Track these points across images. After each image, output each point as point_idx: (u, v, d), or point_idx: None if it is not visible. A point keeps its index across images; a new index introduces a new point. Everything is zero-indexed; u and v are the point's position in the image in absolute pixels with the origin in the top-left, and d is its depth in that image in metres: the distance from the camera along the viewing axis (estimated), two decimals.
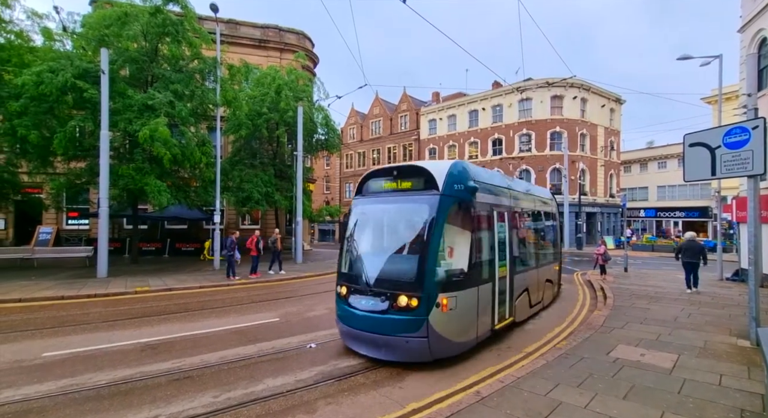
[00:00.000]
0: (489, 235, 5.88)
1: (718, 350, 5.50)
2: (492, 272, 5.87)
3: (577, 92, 30.98)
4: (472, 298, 5.31)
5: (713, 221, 30.17)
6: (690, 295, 9.91)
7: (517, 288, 6.74)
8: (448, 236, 5.10)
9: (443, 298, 4.82)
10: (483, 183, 5.86)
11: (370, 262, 5.44)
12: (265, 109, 17.77)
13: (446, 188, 5.12)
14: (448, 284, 4.93)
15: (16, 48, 12.78)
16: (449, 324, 4.97)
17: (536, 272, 8.06)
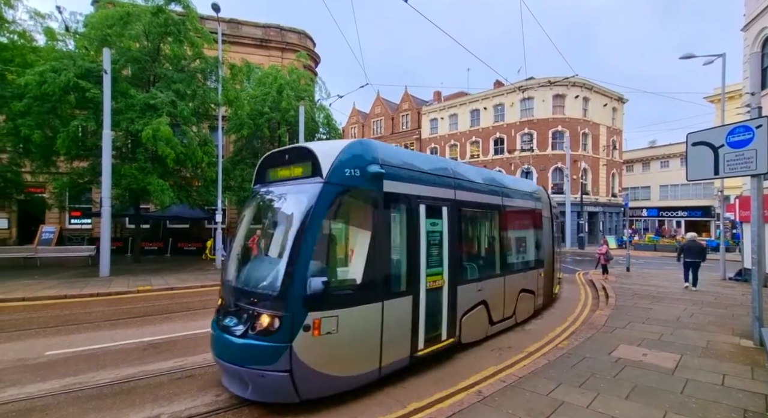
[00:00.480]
0: (409, 235, 4.65)
1: (721, 350, 5.48)
2: (413, 282, 4.64)
3: (579, 91, 30.88)
4: (370, 317, 4.08)
5: (716, 221, 30.04)
6: (691, 293, 9.87)
7: (464, 302, 5.53)
8: (335, 237, 4.18)
9: (316, 318, 3.62)
10: (400, 168, 4.64)
11: (239, 268, 4.50)
12: (266, 109, 17.79)
13: (333, 175, 3.98)
14: (327, 299, 3.74)
15: (19, 48, 12.84)
16: (327, 353, 3.76)
17: (502, 281, 6.64)
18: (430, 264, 4.90)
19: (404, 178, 4.69)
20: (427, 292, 4.85)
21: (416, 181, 4.89)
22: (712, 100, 26.62)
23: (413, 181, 4.84)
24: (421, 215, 4.83)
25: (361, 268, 4.05)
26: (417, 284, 4.70)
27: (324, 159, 4.07)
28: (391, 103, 44.46)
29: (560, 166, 30.27)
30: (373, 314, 4.13)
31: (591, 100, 31.92)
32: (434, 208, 5.11)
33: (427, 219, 4.90)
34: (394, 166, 4.56)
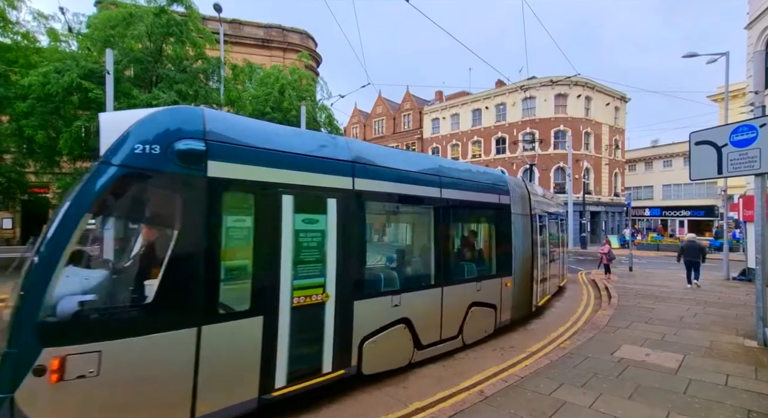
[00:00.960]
0: (258, 235, 3.49)
1: (725, 350, 5.46)
2: (265, 297, 3.46)
3: (581, 91, 30.78)
4: (171, 349, 2.92)
5: (719, 220, 29.88)
6: (695, 293, 9.82)
7: (367, 321, 4.30)
8: (115, 237, 3.36)
9: (57, 356, 2.48)
10: (244, 147, 3.44)
11: None
12: (268, 109, 17.84)
13: (114, 153, 2.89)
14: (84, 326, 2.66)
15: (22, 49, 12.91)
16: (80, 408, 2.60)
17: (437, 293, 5.25)
18: (300, 274, 3.68)
19: (252, 159, 3.46)
20: (294, 310, 3.61)
21: (276, 163, 3.62)
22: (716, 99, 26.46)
23: (271, 164, 3.58)
24: (284, 208, 3.60)
25: (155, 280, 2.96)
26: (273, 300, 3.50)
27: (107, 131, 3.01)
28: (392, 102, 44.45)
29: (562, 166, 30.19)
30: (177, 345, 2.93)
31: (593, 99, 31.82)
32: (311, 200, 3.89)
33: (296, 214, 3.68)
34: (233, 143, 3.37)
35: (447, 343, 5.52)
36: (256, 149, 3.54)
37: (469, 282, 5.97)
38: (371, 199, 4.59)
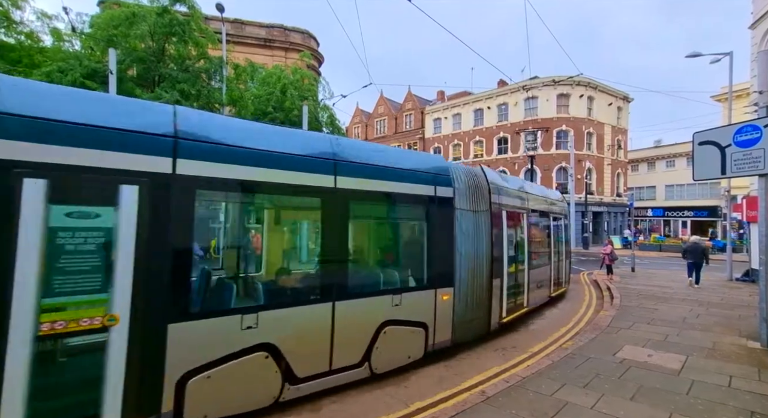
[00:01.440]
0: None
1: (728, 351, 5.43)
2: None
3: (583, 91, 30.69)
4: None
5: (722, 221, 29.73)
6: (697, 294, 9.78)
7: (198, 350, 3.24)
8: None
9: None
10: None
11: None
12: (270, 109, 17.87)
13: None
14: None
15: (26, 49, 12.97)
16: None
17: (326, 309, 4.07)
18: (55, 290, 2.68)
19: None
20: (41, 341, 2.58)
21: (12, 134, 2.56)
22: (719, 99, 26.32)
23: None
24: (27, 198, 2.56)
25: None
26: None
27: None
28: (394, 102, 44.45)
29: (564, 166, 30.11)
30: None
31: (596, 99, 31.72)
32: (85, 187, 2.85)
33: (52, 205, 2.65)
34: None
35: (344, 374, 4.24)
36: None
37: (381, 295, 4.63)
38: (210, 188, 3.52)
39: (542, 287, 8.64)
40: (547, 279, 8.99)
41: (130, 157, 2.98)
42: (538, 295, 8.31)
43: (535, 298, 8.13)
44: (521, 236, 7.57)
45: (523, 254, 7.53)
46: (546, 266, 9.00)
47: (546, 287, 8.94)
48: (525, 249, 7.60)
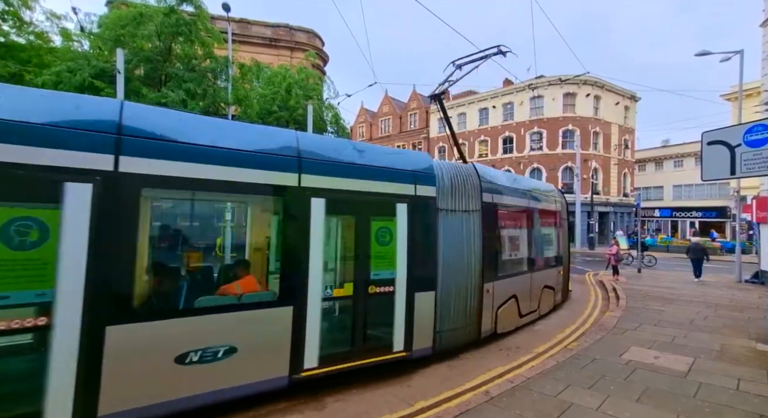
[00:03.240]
0: None
1: (736, 353, 5.36)
2: None
3: (590, 90, 30.41)
4: None
5: (731, 222, 29.32)
6: (705, 296, 9.66)
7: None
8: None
9: None
10: None
11: None
12: (275, 108, 17.96)
13: None
14: None
15: (36, 49, 13.14)
16: None
17: None
18: None
19: None
20: None
21: None
22: (729, 98, 25.93)
23: None
24: None
25: None
26: None
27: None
28: (399, 101, 44.39)
29: (570, 166, 29.88)
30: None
31: (602, 98, 31.41)
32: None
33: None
34: None
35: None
36: None
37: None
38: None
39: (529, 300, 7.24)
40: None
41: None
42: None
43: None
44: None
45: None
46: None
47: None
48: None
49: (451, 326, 5.36)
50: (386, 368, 4.61)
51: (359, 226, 4.57)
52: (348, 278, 4.54)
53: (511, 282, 6.59)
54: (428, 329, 5.00)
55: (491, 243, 6.03)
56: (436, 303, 5.07)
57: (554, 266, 8.52)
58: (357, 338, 4.41)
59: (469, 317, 5.63)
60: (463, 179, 5.75)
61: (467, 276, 5.58)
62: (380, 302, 4.57)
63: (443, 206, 5.33)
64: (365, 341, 4.46)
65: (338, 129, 21.33)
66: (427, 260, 5.03)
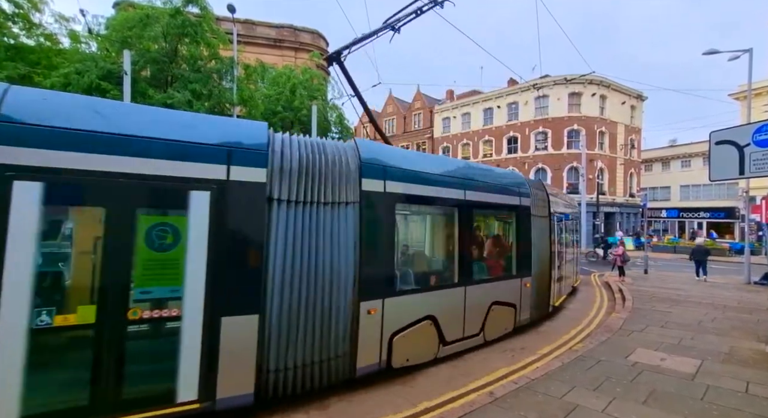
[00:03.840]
0: None
1: (745, 356, 5.29)
2: None
3: (596, 89, 30.18)
4: None
5: (740, 223, 28.94)
6: (713, 297, 9.53)
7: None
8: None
9: None
10: None
11: None
12: (279, 108, 18.04)
13: None
14: None
15: (45, 50, 13.34)
16: None
17: None
18: None
19: None
20: None
21: None
22: (738, 97, 25.61)
23: None
24: None
25: None
26: None
27: None
28: (403, 102, 44.38)
29: (576, 166, 29.67)
30: None
31: (608, 98, 31.17)
32: None
33: None
34: None
35: None
36: None
37: None
38: None
39: None
40: None
41: None
42: None
43: None
44: None
45: None
46: None
47: None
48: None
49: (297, 362, 3.86)
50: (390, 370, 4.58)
51: (114, 223, 3.17)
52: (88, 299, 3.08)
53: (424, 298, 5.07)
54: (246, 368, 3.56)
55: (381, 247, 4.54)
56: (263, 330, 3.64)
57: (514, 277, 6.71)
58: (101, 386, 2.99)
59: (334, 348, 4.12)
60: (325, 159, 4.21)
61: (330, 291, 4.09)
62: (152, 331, 3.27)
63: (281, 196, 3.86)
64: (121, 387, 3.06)
65: (342, 129, 21.38)
66: (245, 272, 3.61)
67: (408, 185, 4.91)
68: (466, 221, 5.77)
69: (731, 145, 6.02)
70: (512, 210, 6.84)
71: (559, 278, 8.56)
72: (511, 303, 6.57)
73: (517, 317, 6.71)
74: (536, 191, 7.54)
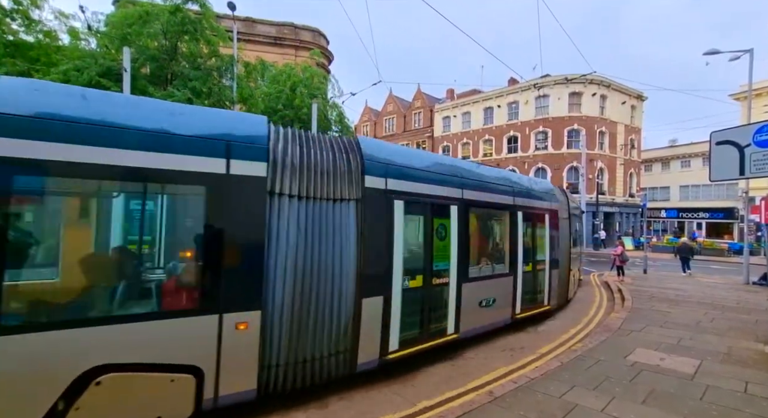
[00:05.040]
0: None
1: (744, 356, 5.29)
2: None
3: (596, 89, 30.17)
4: None
5: (739, 223, 28.99)
6: (712, 297, 9.55)
7: None
8: None
9: None
10: None
11: None
12: (280, 107, 18.00)
13: None
14: None
15: (44, 47, 13.28)
16: None
17: None
18: None
19: None
20: None
21: None
22: (738, 97, 25.63)
23: None
24: None
25: None
26: None
27: None
28: (403, 100, 44.33)
29: (575, 166, 29.67)
30: None
31: (609, 97, 31.16)
32: None
33: None
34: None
35: None
36: None
37: None
38: None
39: None
40: None
41: None
42: None
43: None
44: None
45: None
46: None
47: None
48: None
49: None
50: (389, 367, 4.56)
51: None
52: None
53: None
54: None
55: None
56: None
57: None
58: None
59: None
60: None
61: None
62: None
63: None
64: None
65: (342, 128, 21.34)
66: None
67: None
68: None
69: (732, 145, 6.03)
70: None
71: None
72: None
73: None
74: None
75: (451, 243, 5.40)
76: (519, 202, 7.05)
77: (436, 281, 5.20)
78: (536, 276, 7.65)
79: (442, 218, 5.32)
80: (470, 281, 5.67)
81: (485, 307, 6.02)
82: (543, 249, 7.91)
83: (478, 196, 5.97)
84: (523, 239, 7.15)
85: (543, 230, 8.02)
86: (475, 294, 5.80)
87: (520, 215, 7.00)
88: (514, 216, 6.92)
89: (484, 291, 6.04)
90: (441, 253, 5.28)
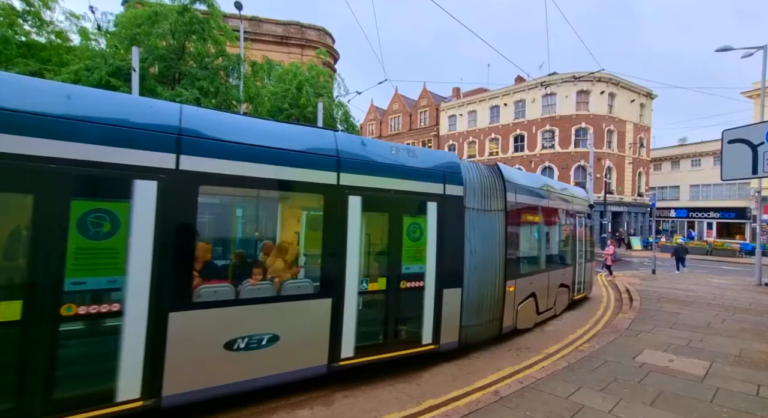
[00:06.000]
0: None
1: (756, 358, 5.20)
2: None
3: (604, 87, 29.78)
4: None
5: (751, 223, 28.45)
6: (723, 298, 9.40)
7: None
8: None
9: None
10: None
11: None
12: (286, 105, 18.09)
13: None
14: None
15: (55, 48, 13.49)
16: None
17: None
18: None
19: None
20: None
21: None
22: (750, 95, 25.11)
23: None
24: None
25: None
26: None
27: None
28: (409, 99, 44.21)
29: (583, 165, 29.35)
30: None
31: (617, 95, 30.73)
32: None
33: None
34: None
35: None
36: None
37: None
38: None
39: None
40: None
41: None
42: None
43: None
44: None
45: None
46: None
47: None
48: None
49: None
50: (392, 365, 4.58)
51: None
52: None
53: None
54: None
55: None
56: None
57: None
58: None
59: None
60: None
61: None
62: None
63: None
64: None
65: (348, 126, 21.36)
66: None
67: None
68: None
69: (744, 143, 5.92)
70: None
71: None
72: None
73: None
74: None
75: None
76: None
77: None
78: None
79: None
80: None
81: None
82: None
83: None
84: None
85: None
86: None
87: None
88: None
89: None
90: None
